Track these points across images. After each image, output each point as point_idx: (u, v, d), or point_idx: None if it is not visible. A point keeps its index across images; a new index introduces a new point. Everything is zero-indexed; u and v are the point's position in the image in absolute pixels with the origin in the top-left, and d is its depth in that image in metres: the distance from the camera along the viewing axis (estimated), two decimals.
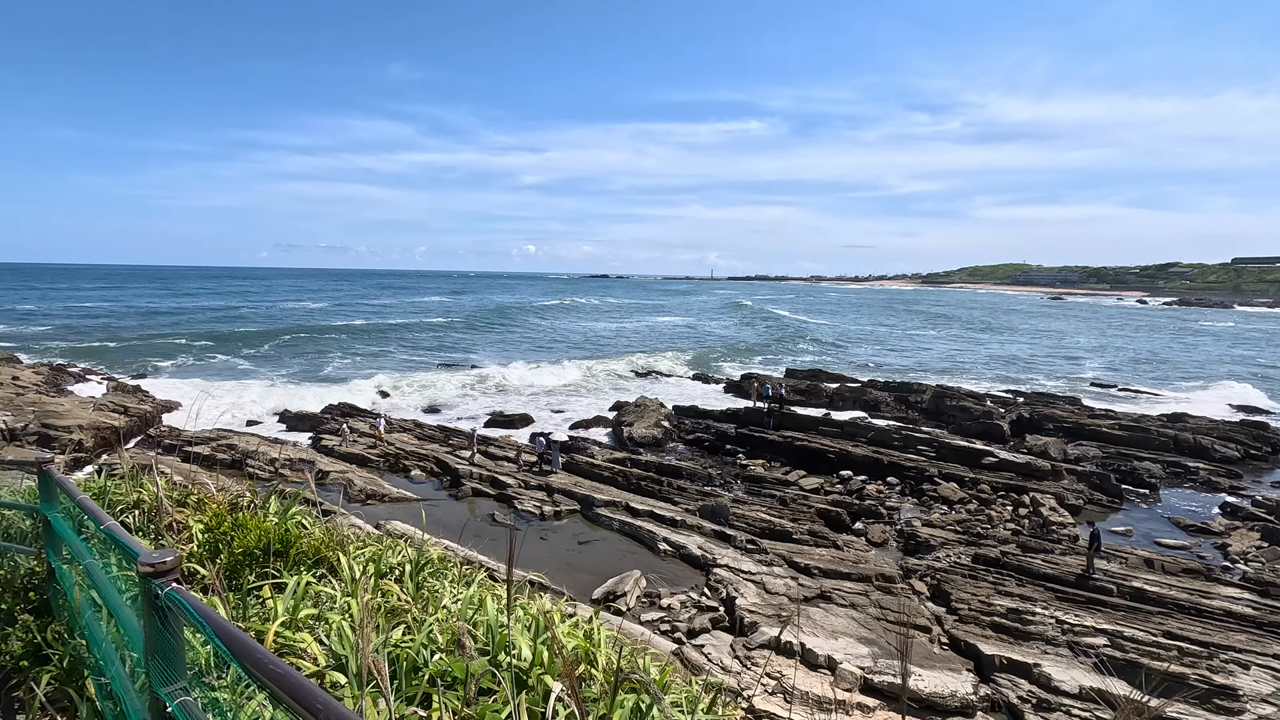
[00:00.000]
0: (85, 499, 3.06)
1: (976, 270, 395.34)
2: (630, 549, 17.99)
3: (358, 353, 57.72)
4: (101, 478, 5.24)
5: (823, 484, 24.70)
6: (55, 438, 24.74)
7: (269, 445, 25.30)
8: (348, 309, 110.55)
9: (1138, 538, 20.98)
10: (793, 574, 16.04)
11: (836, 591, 15.25)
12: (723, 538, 18.02)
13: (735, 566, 16.12)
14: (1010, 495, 23.21)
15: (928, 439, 27.28)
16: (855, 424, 30.23)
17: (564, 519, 20.00)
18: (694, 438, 31.36)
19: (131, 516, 4.20)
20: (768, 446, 28.60)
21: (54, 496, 3.83)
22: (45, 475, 3.89)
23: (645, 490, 21.85)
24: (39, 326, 69.60)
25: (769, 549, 17.39)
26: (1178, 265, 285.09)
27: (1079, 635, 13.04)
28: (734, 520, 19.24)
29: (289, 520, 4.20)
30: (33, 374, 34.84)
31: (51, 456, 3.91)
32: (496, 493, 21.65)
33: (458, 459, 24.17)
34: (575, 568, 16.62)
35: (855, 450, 26.84)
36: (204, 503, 4.48)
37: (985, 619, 13.97)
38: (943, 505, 22.84)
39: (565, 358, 59.20)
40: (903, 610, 14.54)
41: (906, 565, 17.58)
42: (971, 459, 25.59)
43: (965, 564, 17.67)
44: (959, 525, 20.99)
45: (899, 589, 15.81)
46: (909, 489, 24.44)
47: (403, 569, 4.02)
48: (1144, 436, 30.27)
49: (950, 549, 19.14)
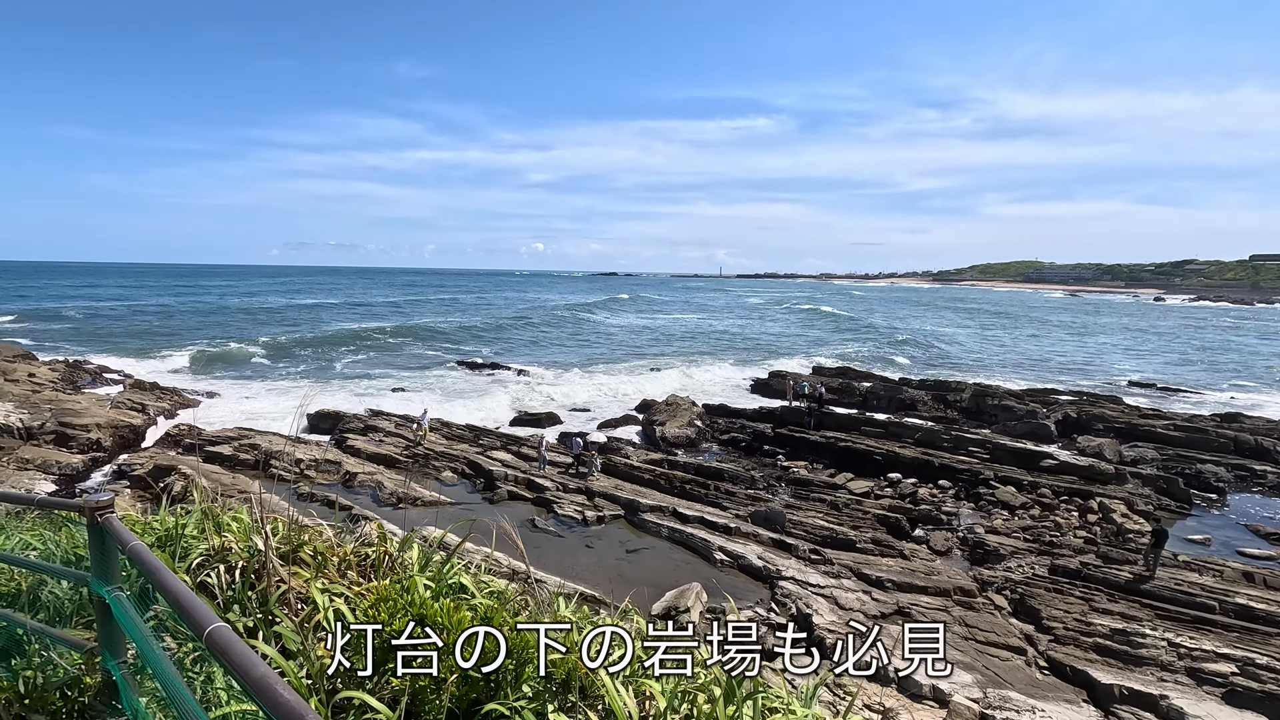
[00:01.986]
0: (170, 579, 1.93)
1: (988, 268, 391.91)
2: (683, 558, 16.86)
3: (374, 350, 56.81)
4: (170, 515, 3.99)
5: (873, 487, 23.49)
6: (73, 436, 23.83)
7: (293, 445, 24.30)
8: (361, 308, 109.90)
9: (1217, 546, 19.69)
10: (864, 587, 14.88)
11: (914, 607, 14.08)
12: (783, 547, 16.85)
13: (802, 579, 14.95)
14: (1074, 500, 21.92)
15: (979, 440, 26.00)
16: (901, 424, 28.98)
17: (607, 524, 18.89)
18: (729, 438, 30.19)
19: (215, 573, 3.09)
20: (809, 447, 27.39)
21: (113, 562, 2.59)
22: (100, 530, 2.59)
23: (691, 494, 20.70)
24: (53, 324, 69.09)
25: (833, 559, 16.22)
26: (1194, 262, 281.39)
27: (1197, 660, 11.82)
28: (790, 527, 18.07)
29: (446, 581, 3.05)
30: (49, 370, 34.02)
31: (111, 499, 2.64)
32: (534, 496, 20.56)
33: (491, 460, 23.10)
34: (628, 579, 15.50)
35: (903, 452, 25.59)
36: (323, 556, 3.32)
37: (1085, 640, 12.77)
38: (1003, 510, 21.59)
39: (589, 356, 58.24)
40: (991, 629, 13.36)
41: (980, 577, 16.38)
42: (1028, 461, 24.29)
43: (1043, 575, 16.45)
44: (1026, 533, 19.77)
45: (979, 604, 14.62)
46: (963, 493, 23.20)
47: None
48: (1202, 438, 28.83)
49: (1021, 558, 17.92)
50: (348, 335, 67.78)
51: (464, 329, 78.70)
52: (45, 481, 20.68)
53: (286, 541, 3.43)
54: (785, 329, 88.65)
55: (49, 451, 22.73)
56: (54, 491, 20.30)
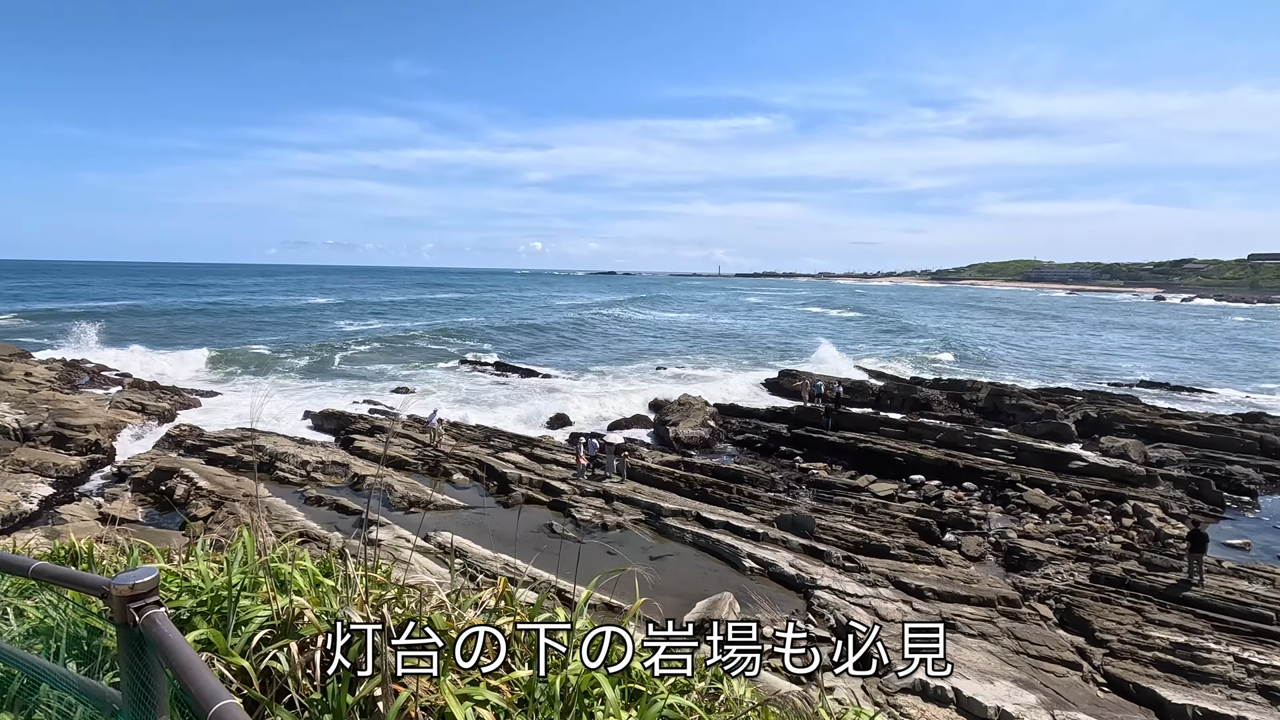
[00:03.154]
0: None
1: (987, 267, 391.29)
2: (710, 565, 16.16)
3: (377, 350, 56.01)
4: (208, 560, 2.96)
5: (897, 490, 22.82)
6: (71, 438, 23.05)
7: (297, 447, 23.56)
8: (360, 306, 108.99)
9: (1257, 551, 19.05)
10: (903, 596, 14.20)
11: (958, 618, 13.39)
12: (814, 553, 16.16)
13: (838, 588, 14.27)
14: (1106, 503, 21.25)
15: (1003, 441, 25.33)
16: (920, 424, 28.30)
17: (627, 530, 18.18)
18: (743, 438, 29.51)
19: (285, 653, 2.16)
20: (827, 448, 26.71)
21: (158, 687, 1.67)
22: (138, 635, 1.67)
23: (713, 498, 20.00)
24: (50, 322, 68.16)
25: (868, 566, 15.53)
26: (1193, 261, 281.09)
27: (1268, 677, 11.15)
28: (820, 533, 17.38)
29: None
30: (46, 370, 33.23)
31: (155, 580, 1.71)
32: (550, 500, 19.84)
33: (504, 462, 22.38)
34: (655, 588, 14.71)
35: (925, 453, 24.91)
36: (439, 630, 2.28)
37: (1144, 654, 12.09)
38: (1033, 514, 20.92)
39: (595, 355, 57.58)
40: (1043, 641, 12.68)
41: (1022, 585, 15.70)
42: (1056, 463, 23.62)
43: (1085, 583, 15.80)
44: (1060, 537, 19.10)
45: (1024, 614, 13.95)
46: (990, 495, 22.53)
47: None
48: (1226, 438, 28.19)
49: (1059, 564, 17.27)
50: (350, 335, 66.99)
51: (469, 329, 77.97)
52: (43, 485, 19.91)
53: (379, 602, 2.57)
54: (802, 326, 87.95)
55: (46, 453, 21.95)
56: (51, 496, 19.54)
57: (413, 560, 15.01)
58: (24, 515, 18.20)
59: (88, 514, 17.90)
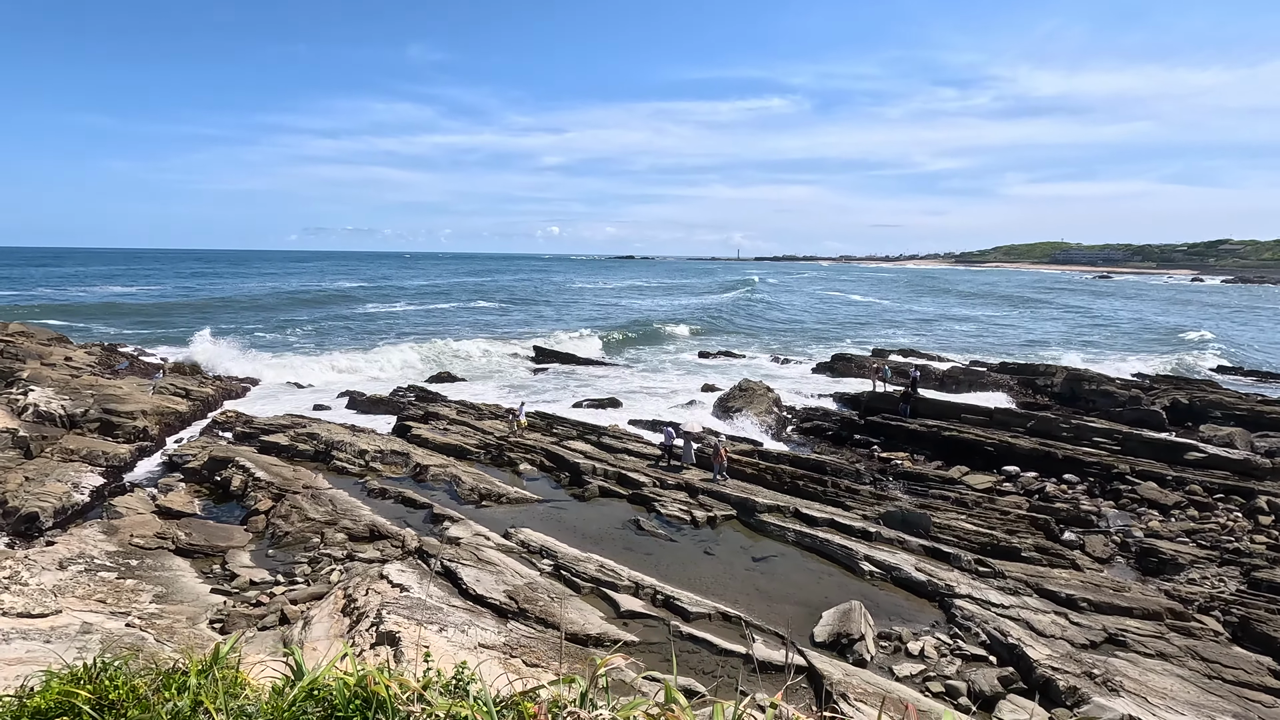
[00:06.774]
0: None
1: (1013, 249, 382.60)
2: (821, 569, 14.62)
3: (408, 334, 54.94)
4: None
5: (995, 483, 21.12)
6: (118, 425, 22.02)
7: (352, 435, 22.33)
8: (389, 290, 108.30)
9: None
10: (1054, 607, 12.57)
11: (1125, 633, 11.77)
12: (939, 556, 14.58)
13: (981, 598, 12.68)
14: (1233, 498, 19.40)
15: (1105, 430, 23.43)
16: (1009, 411, 26.45)
17: (719, 526, 16.70)
18: (811, 425, 27.89)
19: None
20: (906, 436, 25.03)
21: None
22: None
23: (805, 491, 18.43)
24: (81, 308, 67.99)
25: (1002, 571, 13.93)
26: (1228, 242, 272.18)
27: None
28: (936, 531, 15.78)
29: None
30: (85, 354, 32.36)
31: None
32: (629, 493, 18.39)
33: (573, 451, 20.96)
34: (767, 594, 13.33)
35: (1017, 442, 23.13)
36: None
37: None
38: (1152, 511, 19.12)
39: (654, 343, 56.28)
40: (1234, 664, 11.03)
41: (1178, 593, 14.02)
42: (1169, 454, 21.72)
43: (1247, 591, 14.08)
44: (1194, 537, 17.32)
45: (1197, 629, 12.29)
46: (1098, 489, 20.76)
47: None
48: None
49: (1203, 568, 15.54)
50: (381, 320, 66.10)
51: (503, 314, 76.90)
52: (93, 474, 18.84)
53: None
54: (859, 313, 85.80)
55: (94, 441, 20.92)
56: (102, 486, 18.45)
57: (499, 562, 13.24)
58: (75, 507, 17.12)
59: (143, 506, 16.76)
